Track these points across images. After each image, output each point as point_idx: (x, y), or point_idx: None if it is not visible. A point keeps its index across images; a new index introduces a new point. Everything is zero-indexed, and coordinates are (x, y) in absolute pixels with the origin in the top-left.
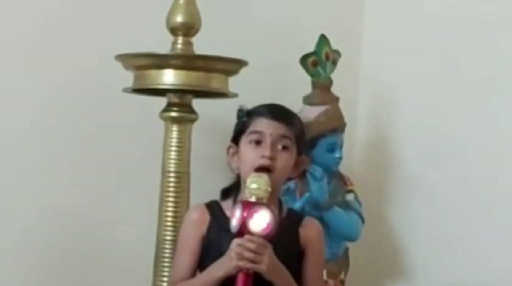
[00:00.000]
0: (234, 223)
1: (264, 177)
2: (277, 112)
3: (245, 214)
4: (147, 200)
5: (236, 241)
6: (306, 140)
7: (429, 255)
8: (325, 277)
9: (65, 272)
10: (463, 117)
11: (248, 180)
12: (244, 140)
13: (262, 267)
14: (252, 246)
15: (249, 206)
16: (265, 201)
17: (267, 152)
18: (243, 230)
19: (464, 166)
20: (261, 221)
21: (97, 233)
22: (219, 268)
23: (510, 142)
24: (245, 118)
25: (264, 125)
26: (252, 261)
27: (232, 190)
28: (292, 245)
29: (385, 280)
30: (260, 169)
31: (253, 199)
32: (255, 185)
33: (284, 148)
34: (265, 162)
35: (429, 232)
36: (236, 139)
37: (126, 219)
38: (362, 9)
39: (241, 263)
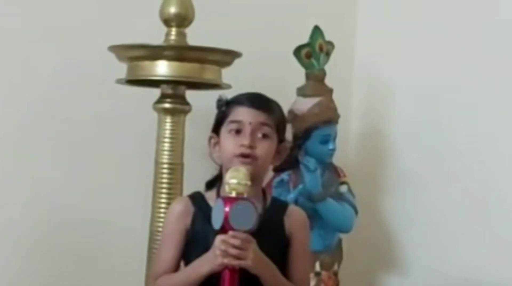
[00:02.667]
0: (216, 219)
1: (242, 171)
2: (256, 100)
3: (226, 210)
4: (140, 191)
5: (219, 238)
6: (286, 127)
7: (422, 246)
8: (318, 268)
9: (58, 263)
10: (457, 109)
11: (227, 175)
12: (224, 130)
13: (247, 263)
14: (236, 242)
15: (230, 202)
16: (245, 195)
17: (246, 141)
18: (226, 226)
19: (458, 159)
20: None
21: (90, 224)
22: (203, 265)
23: (505, 136)
24: (224, 107)
25: (243, 114)
26: (237, 257)
27: (216, 182)
28: (277, 235)
29: (379, 272)
30: (243, 156)
31: (233, 194)
32: (235, 180)
33: (264, 136)
34: (244, 150)
35: (422, 224)
36: (216, 129)
37: (119, 210)
38: (356, 0)
39: (226, 260)
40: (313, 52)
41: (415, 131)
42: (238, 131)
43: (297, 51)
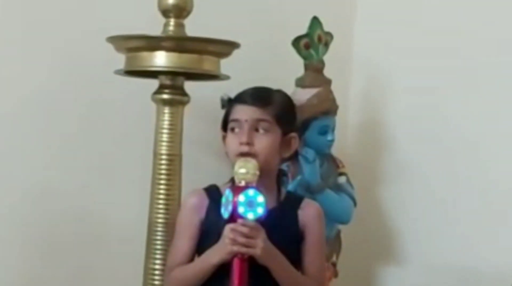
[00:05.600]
0: (225, 209)
1: (251, 162)
2: (252, 96)
3: (235, 199)
4: (139, 182)
5: (229, 226)
6: (292, 117)
7: (421, 237)
8: None
9: (57, 255)
10: (455, 99)
11: (236, 166)
12: (228, 129)
13: (256, 251)
14: (245, 230)
15: (238, 191)
16: (254, 184)
17: (243, 139)
18: (234, 215)
19: (457, 149)
20: None
21: (89, 215)
22: (214, 254)
23: (505, 127)
24: (226, 106)
25: (239, 112)
26: (246, 245)
27: None
28: (290, 229)
29: (377, 263)
30: (242, 155)
31: (242, 184)
32: (243, 170)
33: (263, 131)
34: (243, 149)
35: (421, 215)
36: (225, 127)
37: (118, 201)
38: None
39: (235, 248)
40: (312, 43)
41: (414, 122)
42: (238, 130)
43: (296, 42)
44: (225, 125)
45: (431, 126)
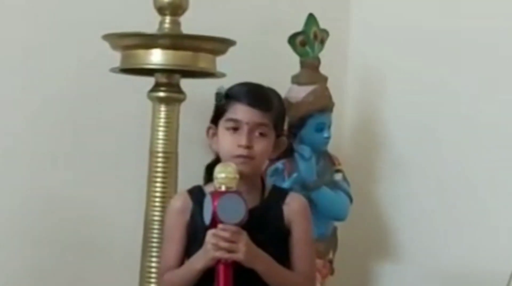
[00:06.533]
0: (206, 214)
1: (231, 166)
2: (254, 98)
3: (215, 204)
4: (135, 180)
5: (210, 232)
6: (283, 120)
7: (417, 235)
8: None
9: (52, 252)
10: (450, 97)
11: (216, 170)
12: (222, 125)
13: (239, 256)
14: (226, 235)
15: (218, 196)
16: (234, 189)
17: (243, 141)
18: (215, 220)
19: (452, 147)
20: None
21: (85, 213)
22: (198, 260)
23: (501, 122)
24: (223, 101)
25: (241, 113)
26: (228, 250)
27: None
28: (276, 225)
29: (373, 260)
30: (241, 157)
31: (222, 189)
32: (223, 174)
33: (262, 135)
34: (242, 151)
35: (417, 212)
36: (215, 120)
37: (114, 199)
38: None
39: (218, 254)
40: (308, 40)
41: (410, 119)
42: (235, 129)
43: (292, 39)
44: (216, 119)
45: (428, 123)
